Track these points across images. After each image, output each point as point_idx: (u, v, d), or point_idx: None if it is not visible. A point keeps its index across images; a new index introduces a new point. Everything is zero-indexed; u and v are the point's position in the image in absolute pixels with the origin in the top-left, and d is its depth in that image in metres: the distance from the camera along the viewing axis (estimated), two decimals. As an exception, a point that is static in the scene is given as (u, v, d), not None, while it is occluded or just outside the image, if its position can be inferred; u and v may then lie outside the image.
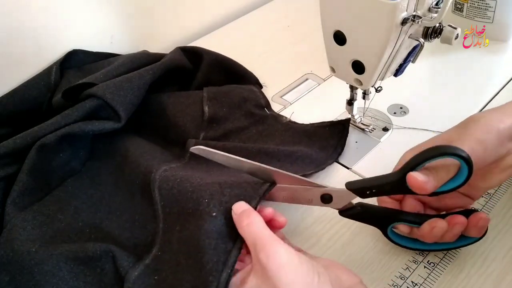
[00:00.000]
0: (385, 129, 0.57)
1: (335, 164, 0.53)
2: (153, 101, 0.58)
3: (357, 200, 0.41)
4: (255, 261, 0.35)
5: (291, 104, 0.63)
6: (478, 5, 0.65)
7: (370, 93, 0.52)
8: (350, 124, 0.57)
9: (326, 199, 0.41)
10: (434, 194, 0.37)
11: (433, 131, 0.55)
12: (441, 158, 0.36)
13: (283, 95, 0.64)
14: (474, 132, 0.38)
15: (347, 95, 0.54)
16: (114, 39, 0.70)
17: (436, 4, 0.43)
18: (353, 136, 0.56)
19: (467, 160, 0.35)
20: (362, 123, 0.57)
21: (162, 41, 0.76)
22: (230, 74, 0.64)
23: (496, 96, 0.60)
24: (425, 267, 0.42)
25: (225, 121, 0.56)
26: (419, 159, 0.36)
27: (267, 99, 0.61)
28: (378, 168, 0.51)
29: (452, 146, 0.36)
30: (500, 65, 0.65)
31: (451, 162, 0.36)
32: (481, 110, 0.58)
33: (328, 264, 0.36)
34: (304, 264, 0.34)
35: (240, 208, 0.38)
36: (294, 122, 0.58)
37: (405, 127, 0.57)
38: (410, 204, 0.42)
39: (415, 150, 0.40)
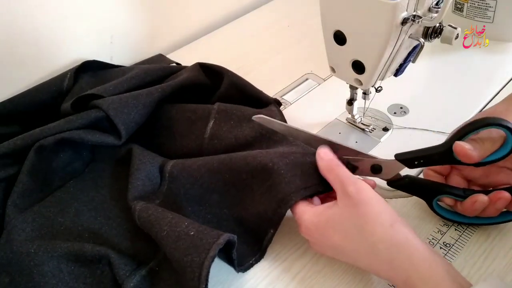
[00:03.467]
0: (385, 129, 0.57)
1: (335, 164, 0.53)
2: (161, 114, 0.56)
3: (404, 172, 0.43)
4: (341, 197, 0.39)
5: (291, 104, 0.63)
6: (478, 5, 0.65)
7: (370, 93, 0.52)
8: (350, 124, 0.58)
9: (376, 169, 0.43)
10: (479, 164, 0.39)
11: (433, 131, 0.55)
12: (487, 129, 0.38)
13: (283, 95, 0.64)
14: None
15: (347, 95, 0.54)
16: (114, 39, 0.70)
17: (436, 4, 0.43)
18: (353, 136, 0.56)
19: (511, 130, 0.37)
20: (362, 123, 0.57)
21: (162, 41, 0.76)
22: (249, 97, 0.60)
23: (496, 96, 0.60)
24: (425, 267, 0.42)
25: (228, 135, 0.52)
26: (466, 130, 0.38)
27: (283, 116, 0.56)
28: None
29: (497, 117, 0.38)
30: (500, 65, 0.65)
31: (497, 133, 0.38)
32: (481, 110, 0.58)
33: None
34: (388, 204, 0.38)
35: (326, 154, 0.43)
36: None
37: (405, 127, 0.56)
38: (455, 181, 0.44)
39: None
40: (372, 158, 0.43)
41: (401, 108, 0.59)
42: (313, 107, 0.61)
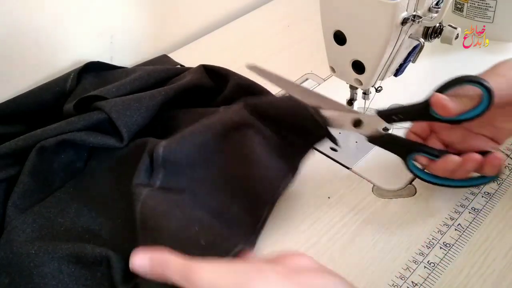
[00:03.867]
0: (385, 129, 0.56)
1: (335, 164, 0.53)
2: (166, 117, 0.56)
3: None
4: None
5: (291, 104, 0.62)
6: (478, 5, 0.65)
7: (370, 93, 0.52)
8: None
9: (357, 123, 0.45)
10: (455, 121, 0.40)
11: (433, 131, 0.55)
12: (464, 85, 0.39)
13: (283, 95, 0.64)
14: (500, 70, 0.41)
15: (347, 95, 0.54)
16: (114, 39, 0.70)
17: (436, 4, 0.43)
18: (353, 136, 0.56)
19: (488, 88, 0.38)
20: (362, 123, 0.57)
21: (163, 41, 0.76)
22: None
23: (496, 96, 0.60)
24: (425, 267, 0.42)
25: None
26: (444, 85, 0.40)
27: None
28: (378, 168, 0.52)
29: (474, 75, 0.39)
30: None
31: (474, 91, 0.39)
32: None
33: (283, 255, 0.33)
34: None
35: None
36: None
37: (405, 127, 0.56)
38: (433, 143, 0.45)
39: None
40: (354, 113, 0.45)
41: (401, 108, 0.59)
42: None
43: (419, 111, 0.41)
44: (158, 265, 0.31)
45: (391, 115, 0.44)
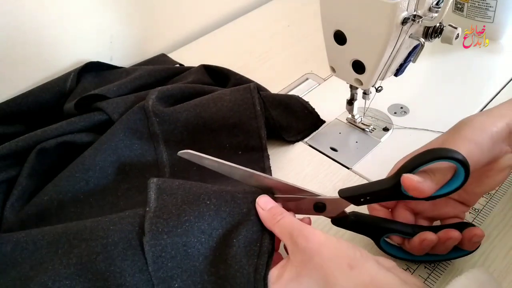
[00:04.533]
0: (386, 129, 0.56)
1: (335, 164, 0.53)
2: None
3: (350, 209, 0.40)
4: (292, 251, 0.34)
5: (291, 104, 0.62)
6: (478, 5, 0.65)
7: (371, 93, 0.52)
8: (350, 124, 0.58)
9: (320, 207, 0.40)
10: (430, 198, 0.36)
11: (433, 131, 0.55)
12: (436, 162, 0.35)
13: (283, 95, 0.64)
14: (468, 134, 0.37)
15: (347, 95, 0.54)
16: (113, 39, 0.70)
17: (437, 4, 0.43)
18: (353, 136, 0.56)
19: (463, 163, 0.34)
20: (362, 123, 0.57)
21: (162, 41, 0.76)
22: None
23: (496, 96, 0.60)
24: (425, 267, 0.42)
25: None
26: (414, 163, 0.35)
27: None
28: (378, 168, 0.52)
29: (447, 149, 0.35)
30: (500, 65, 0.65)
31: (447, 165, 0.35)
32: (481, 110, 0.58)
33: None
34: (343, 242, 0.34)
35: (267, 204, 0.38)
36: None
37: (405, 127, 0.56)
38: (402, 214, 0.41)
39: (406, 158, 0.39)
40: (315, 196, 0.40)
41: (401, 108, 0.59)
42: (313, 107, 0.61)
43: (389, 192, 0.37)
44: (278, 213, 0.37)
45: (357, 197, 0.38)
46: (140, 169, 0.50)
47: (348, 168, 0.53)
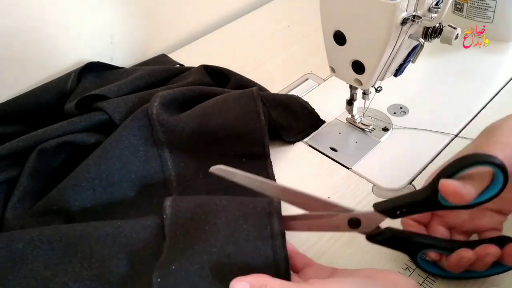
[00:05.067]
0: (385, 129, 0.57)
1: (335, 164, 0.53)
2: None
3: (384, 224, 0.39)
4: None
5: (291, 104, 0.63)
6: (478, 5, 0.65)
7: (370, 93, 0.52)
8: (350, 124, 0.58)
9: (354, 223, 0.38)
10: (468, 206, 0.35)
11: (433, 131, 0.55)
12: (473, 168, 0.34)
13: (283, 95, 0.64)
14: (502, 138, 0.36)
15: (347, 95, 0.54)
16: (114, 39, 0.70)
17: (436, 4, 0.43)
18: (353, 136, 0.56)
19: (501, 167, 0.33)
20: (362, 123, 0.57)
21: (162, 41, 0.76)
22: None
23: (496, 96, 0.60)
24: (425, 267, 0.42)
25: None
26: (450, 170, 0.34)
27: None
28: (378, 168, 0.52)
29: (484, 154, 0.34)
30: (500, 65, 0.65)
31: (485, 170, 0.34)
32: (481, 111, 0.58)
33: (375, 273, 0.35)
34: None
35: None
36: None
37: (405, 127, 0.57)
38: (437, 229, 0.40)
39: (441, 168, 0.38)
40: (349, 211, 0.38)
41: (401, 108, 0.59)
42: (313, 107, 0.61)
43: (426, 202, 0.35)
44: None
45: (393, 210, 0.37)
46: (146, 176, 0.50)
47: (347, 168, 0.53)
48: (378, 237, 0.39)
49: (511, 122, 0.38)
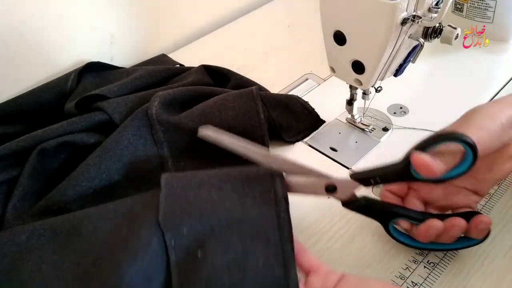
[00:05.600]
0: (385, 129, 0.57)
1: (335, 164, 0.53)
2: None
3: (361, 194, 0.41)
4: None
5: (291, 104, 0.63)
6: (478, 5, 0.65)
7: (370, 93, 0.52)
8: (350, 124, 0.58)
9: (330, 189, 0.40)
10: (438, 181, 0.37)
11: (432, 131, 0.55)
12: (445, 143, 0.36)
13: (283, 95, 0.64)
14: (477, 121, 0.38)
15: (347, 95, 0.54)
16: (114, 39, 0.70)
17: (436, 4, 0.43)
18: (353, 136, 0.56)
19: (472, 146, 0.35)
20: (362, 123, 0.57)
21: (163, 41, 0.76)
22: None
23: (496, 96, 0.60)
24: (425, 267, 0.42)
25: None
26: (423, 144, 0.36)
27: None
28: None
29: (456, 132, 0.36)
30: (500, 65, 0.65)
31: (456, 147, 0.36)
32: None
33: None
34: None
35: None
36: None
37: (405, 127, 0.57)
38: (412, 203, 0.42)
39: None
40: (326, 178, 0.40)
41: (400, 108, 0.59)
42: (313, 107, 0.61)
43: (398, 173, 0.38)
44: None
45: (367, 178, 0.39)
46: (146, 176, 0.50)
47: (347, 168, 0.53)
48: (353, 204, 0.41)
49: (490, 108, 0.39)
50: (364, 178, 0.39)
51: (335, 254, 0.44)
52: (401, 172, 0.37)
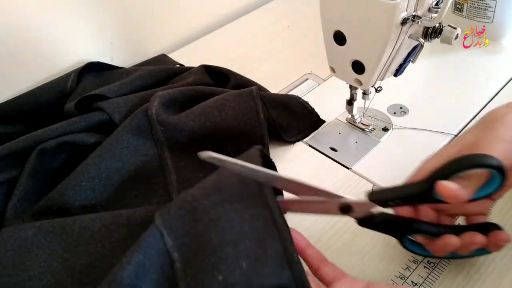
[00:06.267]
0: (385, 129, 0.57)
1: (335, 164, 0.53)
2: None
3: (377, 210, 0.39)
4: None
5: (291, 104, 0.63)
6: (478, 5, 0.65)
7: (370, 93, 0.52)
8: (350, 124, 0.58)
9: (346, 209, 0.39)
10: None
11: (433, 131, 0.55)
12: (471, 170, 0.34)
13: (283, 95, 0.64)
14: (501, 133, 0.36)
15: (347, 95, 0.54)
16: (114, 39, 0.70)
17: (436, 4, 0.43)
18: (353, 136, 0.56)
19: (499, 168, 0.33)
20: (362, 123, 0.57)
21: (162, 41, 0.76)
22: None
23: (496, 96, 0.60)
24: (425, 267, 0.42)
25: None
26: (449, 170, 0.34)
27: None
28: (378, 168, 0.52)
29: (483, 155, 0.34)
30: (500, 65, 0.65)
31: (483, 170, 0.34)
32: (481, 111, 0.58)
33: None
34: None
35: None
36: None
37: (405, 127, 0.57)
38: (425, 212, 0.41)
39: (436, 158, 0.38)
40: (341, 198, 0.38)
41: (400, 108, 0.59)
42: (313, 107, 0.61)
43: (420, 196, 0.36)
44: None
45: (386, 200, 0.37)
46: (146, 176, 0.50)
47: (347, 168, 0.53)
48: (369, 222, 0.40)
49: (509, 114, 0.38)
50: (383, 200, 0.38)
51: (335, 254, 0.44)
52: (423, 196, 0.36)
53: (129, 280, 0.33)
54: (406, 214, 0.41)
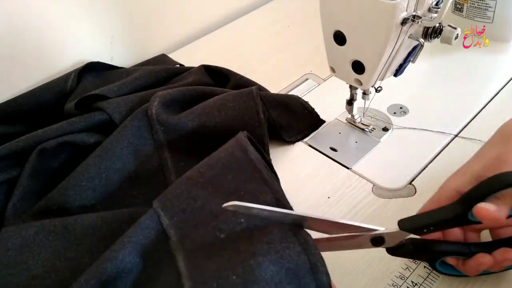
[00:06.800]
0: (385, 129, 0.57)
1: (335, 164, 0.53)
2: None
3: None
4: None
5: (291, 104, 0.63)
6: (478, 5, 0.65)
7: (370, 93, 0.52)
8: (350, 124, 0.58)
9: (378, 241, 0.38)
10: None
11: (433, 131, 0.55)
12: (506, 190, 0.34)
13: (283, 95, 0.64)
14: None
15: (347, 95, 0.54)
16: (114, 39, 0.70)
17: (436, 4, 0.43)
18: (353, 136, 0.56)
19: None
20: (362, 123, 0.57)
21: (163, 41, 0.76)
22: None
23: (496, 96, 0.60)
24: (425, 267, 0.42)
25: None
26: (483, 192, 0.34)
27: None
28: (378, 168, 0.52)
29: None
30: (500, 65, 0.65)
31: None
32: (481, 111, 0.58)
33: None
34: None
35: None
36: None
37: (405, 127, 0.57)
38: (452, 232, 0.40)
39: (461, 177, 0.38)
40: (372, 231, 0.37)
41: (400, 108, 0.59)
42: (313, 107, 0.61)
43: (455, 220, 0.36)
44: None
45: (421, 228, 0.36)
46: (146, 176, 0.50)
47: (347, 168, 0.53)
48: (400, 251, 0.39)
49: None
50: (417, 228, 0.37)
51: (334, 255, 0.44)
52: (458, 219, 0.36)
53: (130, 258, 0.37)
54: (434, 236, 0.40)
